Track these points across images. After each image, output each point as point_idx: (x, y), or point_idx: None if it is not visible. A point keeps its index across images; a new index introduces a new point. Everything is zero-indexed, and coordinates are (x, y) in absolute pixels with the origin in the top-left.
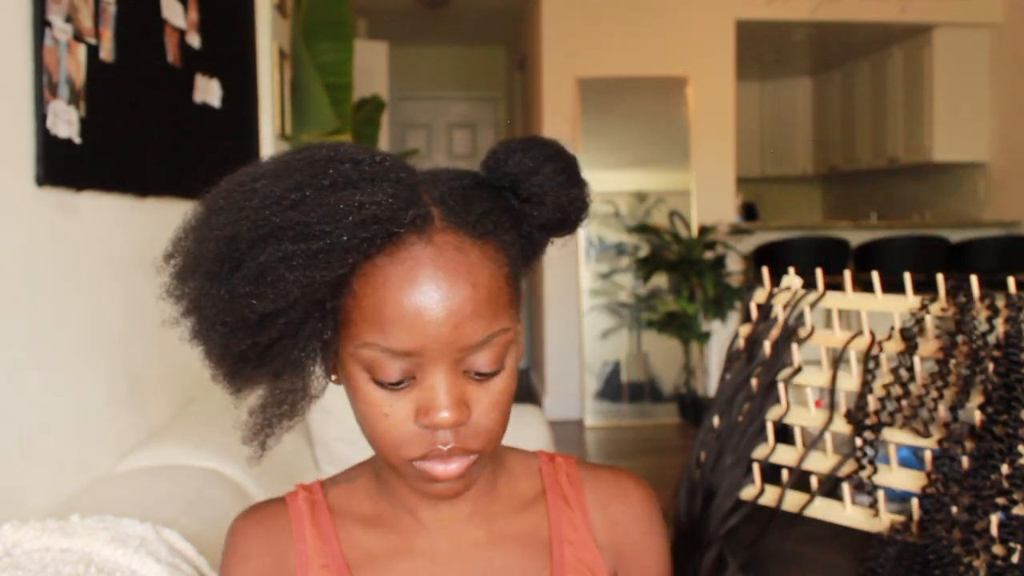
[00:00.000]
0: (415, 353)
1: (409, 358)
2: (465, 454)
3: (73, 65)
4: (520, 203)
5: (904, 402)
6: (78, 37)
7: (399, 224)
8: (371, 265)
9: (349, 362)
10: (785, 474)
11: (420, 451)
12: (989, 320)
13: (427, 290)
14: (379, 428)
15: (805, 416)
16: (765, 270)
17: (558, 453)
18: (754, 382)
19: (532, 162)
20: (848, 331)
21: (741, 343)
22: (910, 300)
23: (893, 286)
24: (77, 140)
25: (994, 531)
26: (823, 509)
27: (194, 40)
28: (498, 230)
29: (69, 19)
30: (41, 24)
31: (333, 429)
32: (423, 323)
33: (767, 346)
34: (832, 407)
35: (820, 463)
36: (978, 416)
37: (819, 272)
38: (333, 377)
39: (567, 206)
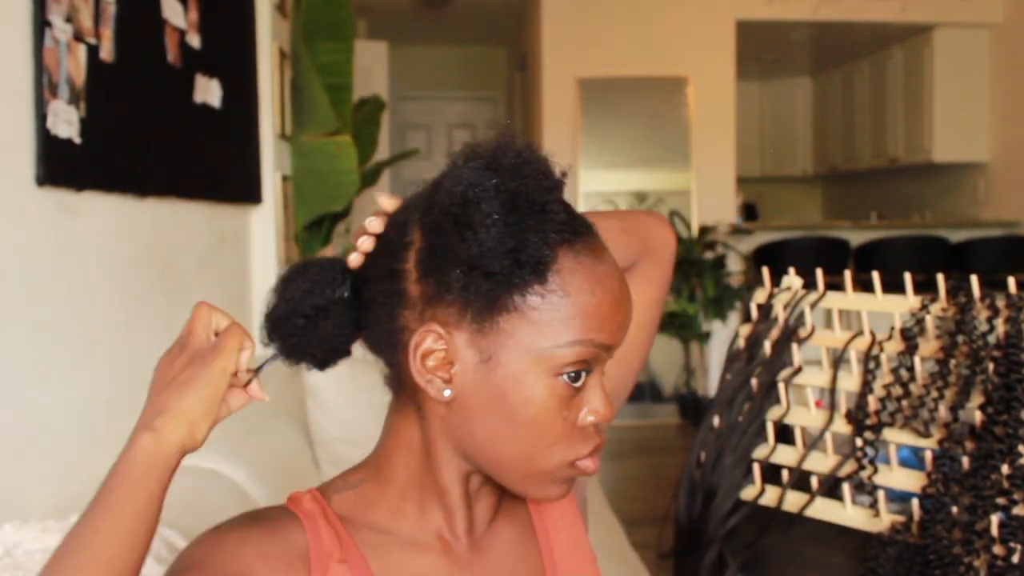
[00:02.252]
0: (611, 347)
1: (605, 353)
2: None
3: (73, 65)
4: None
5: (904, 402)
6: (78, 37)
7: (587, 228)
8: (575, 263)
9: (525, 363)
10: (785, 474)
11: (587, 450)
12: (989, 320)
13: (624, 289)
14: (553, 431)
15: (805, 416)
16: (765, 270)
17: None
18: (754, 382)
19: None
20: (848, 331)
21: (741, 343)
22: (910, 300)
23: (893, 286)
24: (77, 140)
25: (994, 531)
26: (823, 509)
27: (194, 40)
28: None
29: (69, 19)
30: (41, 24)
31: (334, 430)
32: (624, 320)
33: (767, 346)
34: (832, 407)
35: (820, 463)
36: (978, 416)
37: (819, 272)
38: (447, 393)
39: None
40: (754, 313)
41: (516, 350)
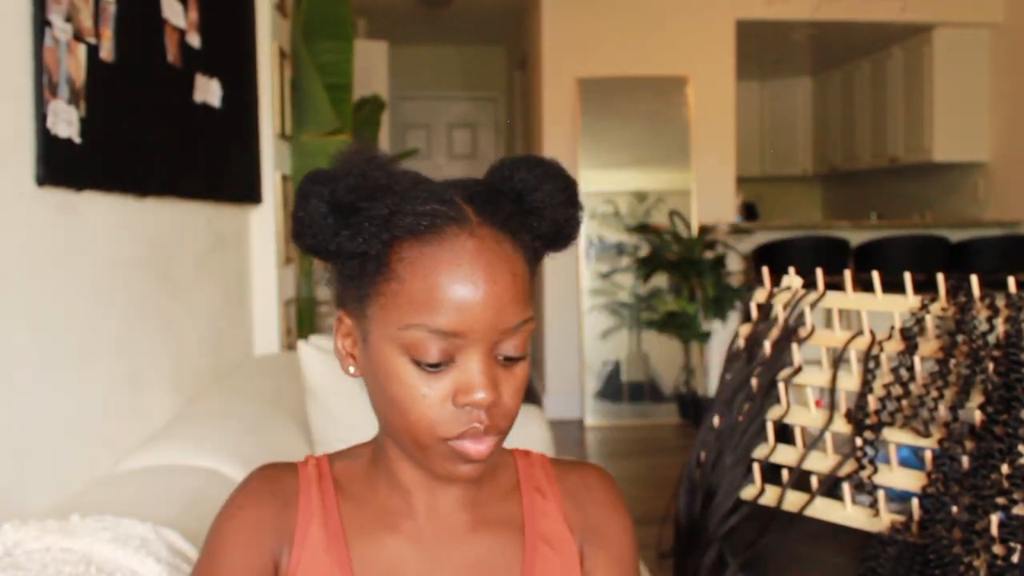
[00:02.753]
0: (460, 334)
1: (453, 339)
2: (496, 433)
3: (73, 65)
4: (522, 214)
5: (904, 402)
6: (78, 37)
7: (443, 217)
8: (418, 252)
9: (384, 345)
10: (785, 474)
11: (457, 430)
12: (989, 320)
13: (475, 276)
14: (416, 408)
15: (805, 416)
16: (765, 270)
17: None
18: (754, 382)
19: (535, 179)
20: (848, 331)
21: (741, 343)
22: (910, 300)
23: (893, 286)
24: (77, 140)
25: (994, 531)
26: (823, 509)
27: (194, 40)
28: (520, 231)
29: (69, 19)
30: (41, 24)
31: (333, 429)
32: (470, 305)
33: (767, 346)
34: (832, 407)
35: (820, 463)
36: (978, 416)
37: (819, 272)
38: (352, 369)
39: (563, 222)
40: (754, 313)
41: (377, 332)
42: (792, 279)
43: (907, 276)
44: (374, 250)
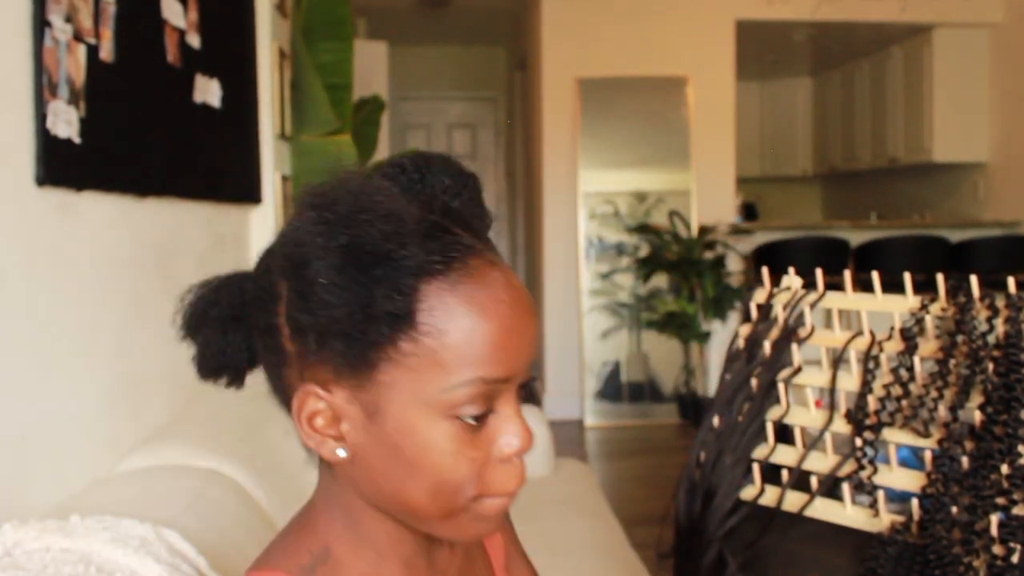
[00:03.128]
0: (509, 378)
1: (500, 386)
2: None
3: (73, 65)
4: None
5: (904, 402)
6: (78, 37)
7: (461, 247)
8: (451, 296)
9: (414, 414)
10: (785, 474)
11: (512, 482)
12: (989, 320)
13: (518, 311)
14: (460, 474)
15: (805, 416)
16: (765, 270)
17: None
18: (754, 382)
19: (452, 182)
20: (848, 331)
21: (741, 343)
22: (910, 300)
23: (893, 286)
24: (77, 140)
25: (994, 531)
26: (823, 509)
27: (194, 40)
28: None
29: (69, 19)
30: (41, 24)
31: None
32: (518, 345)
33: (767, 346)
34: (832, 407)
35: (820, 463)
36: (978, 416)
37: (819, 272)
38: (341, 453)
39: (480, 221)
40: (754, 313)
41: (400, 401)
42: (792, 279)
43: (907, 276)
44: (410, 305)
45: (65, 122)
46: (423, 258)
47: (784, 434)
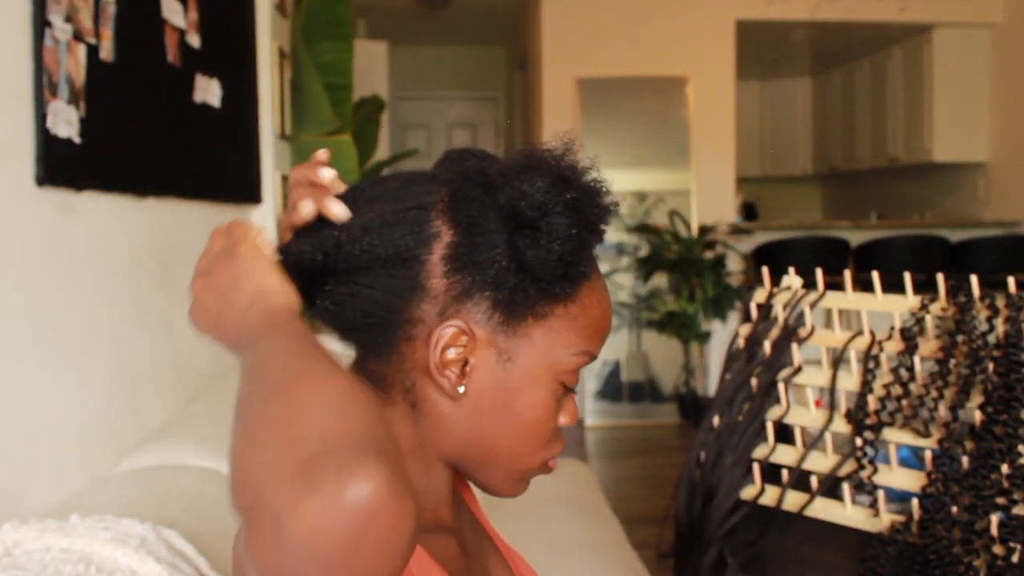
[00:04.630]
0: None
1: (590, 363)
2: None
3: (73, 65)
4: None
5: (904, 402)
6: (78, 37)
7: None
8: (596, 277)
9: (538, 369)
10: (785, 474)
11: (560, 448)
12: (989, 320)
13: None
14: (546, 432)
15: (805, 416)
16: (765, 270)
17: None
18: (754, 382)
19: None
20: (848, 331)
21: (741, 343)
22: (910, 300)
23: (893, 286)
24: (77, 140)
25: (994, 531)
26: (823, 509)
27: (194, 40)
28: None
29: (69, 19)
30: (41, 24)
31: None
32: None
33: (767, 346)
34: (832, 407)
35: (820, 463)
36: (978, 416)
37: (819, 272)
38: (461, 389)
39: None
40: (754, 313)
41: (534, 354)
42: (792, 279)
43: (907, 276)
44: (588, 274)
45: (65, 122)
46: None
47: (784, 434)
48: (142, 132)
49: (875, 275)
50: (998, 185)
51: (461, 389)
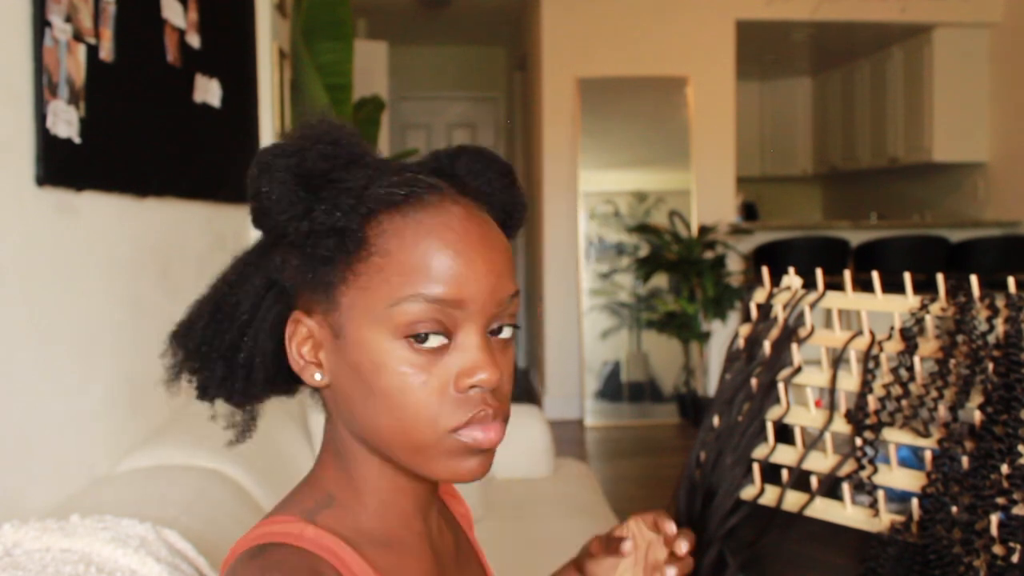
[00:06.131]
0: (459, 303)
1: (451, 310)
2: (504, 419)
3: (73, 65)
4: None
5: (904, 402)
6: (78, 37)
7: (422, 185)
8: (402, 222)
9: (369, 332)
10: (785, 474)
11: (464, 417)
12: (989, 320)
13: (470, 240)
14: (415, 399)
15: (805, 416)
16: (765, 270)
17: None
18: (754, 382)
19: (479, 166)
20: (848, 331)
21: (741, 343)
22: (910, 300)
23: (893, 286)
24: (77, 140)
25: (994, 531)
26: (823, 509)
27: (194, 40)
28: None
29: (69, 19)
30: (41, 24)
31: None
32: (467, 272)
33: (767, 346)
34: (832, 407)
35: (820, 463)
36: (978, 416)
37: (819, 272)
38: (318, 377)
39: (511, 207)
40: (754, 313)
41: (356, 320)
42: (792, 279)
43: (907, 276)
44: (354, 224)
45: (65, 122)
46: (378, 189)
47: (784, 434)
48: (142, 132)
49: (875, 275)
50: (998, 185)
51: (318, 377)
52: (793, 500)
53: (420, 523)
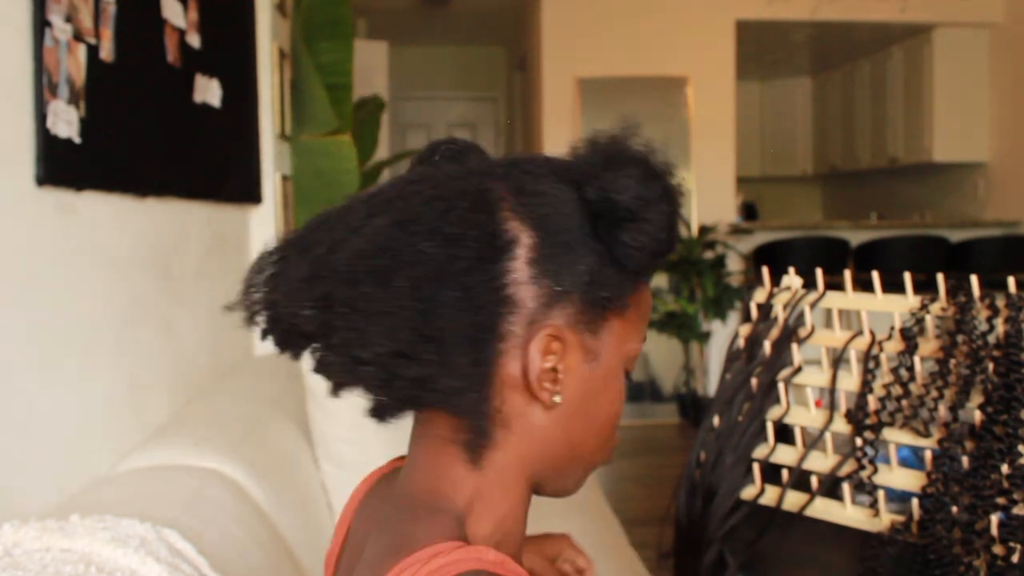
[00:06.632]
0: None
1: None
2: None
3: (73, 65)
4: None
5: (904, 402)
6: (78, 37)
7: None
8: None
9: (615, 362)
10: (785, 474)
11: (618, 440)
12: (989, 320)
13: None
14: (615, 429)
15: (805, 416)
16: (765, 270)
17: None
18: (754, 382)
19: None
20: (848, 331)
21: (741, 343)
22: (910, 300)
23: (893, 286)
24: (77, 140)
25: (994, 531)
26: (823, 509)
27: (194, 40)
28: None
29: (69, 19)
30: (41, 24)
31: (333, 429)
32: None
33: (767, 346)
34: (832, 407)
35: (820, 463)
36: (978, 416)
37: (819, 272)
38: (557, 399)
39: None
40: (754, 313)
41: (613, 348)
42: (792, 279)
43: (907, 276)
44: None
45: (65, 122)
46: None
47: (784, 434)
48: (142, 132)
49: (875, 275)
50: (998, 185)
51: (557, 399)
52: (793, 500)
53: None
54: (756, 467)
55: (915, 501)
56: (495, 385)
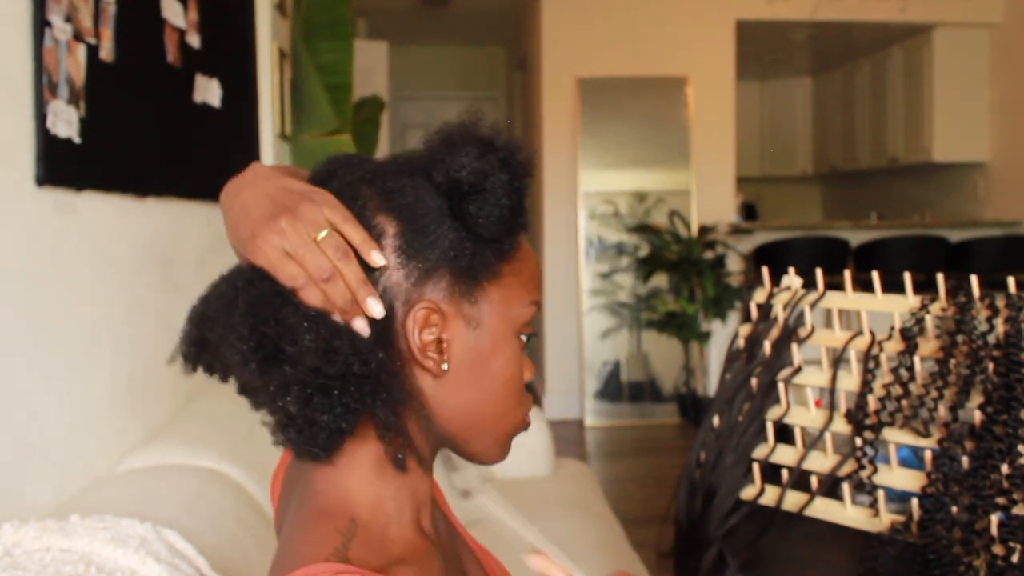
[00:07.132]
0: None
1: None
2: None
3: (73, 65)
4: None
5: (904, 402)
6: (78, 37)
7: None
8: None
9: (504, 328)
10: (785, 474)
11: (528, 408)
12: (989, 320)
13: None
14: (518, 389)
15: (805, 416)
16: (765, 270)
17: None
18: (754, 382)
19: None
20: (848, 331)
21: (741, 343)
22: (910, 300)
23: (893, 286)
24: (77, 140)
25: (994, 531)
26: (823, 509)
27: (194, 40)
28: None
29: (69, 19)
30: (41, 24)
31: None
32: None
33: (767, 346)
34: (832, 407)
35: (820, 463)
36: (978, 416)
37: (819, 272)
38: (445, 367)
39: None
40: (754, 313)
41: (496, 314)
42: (792, 279)
43: (907, 276)
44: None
45: (65, 122)
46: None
47: (784, 434)
48: (142, 132)
49: (875, 275)
50: (998, 185)
51: (445, 366)
52: (793, 500)
53: (427, 515)
54: (756, 467)
55: (915, 501)
56: (396, 364)
